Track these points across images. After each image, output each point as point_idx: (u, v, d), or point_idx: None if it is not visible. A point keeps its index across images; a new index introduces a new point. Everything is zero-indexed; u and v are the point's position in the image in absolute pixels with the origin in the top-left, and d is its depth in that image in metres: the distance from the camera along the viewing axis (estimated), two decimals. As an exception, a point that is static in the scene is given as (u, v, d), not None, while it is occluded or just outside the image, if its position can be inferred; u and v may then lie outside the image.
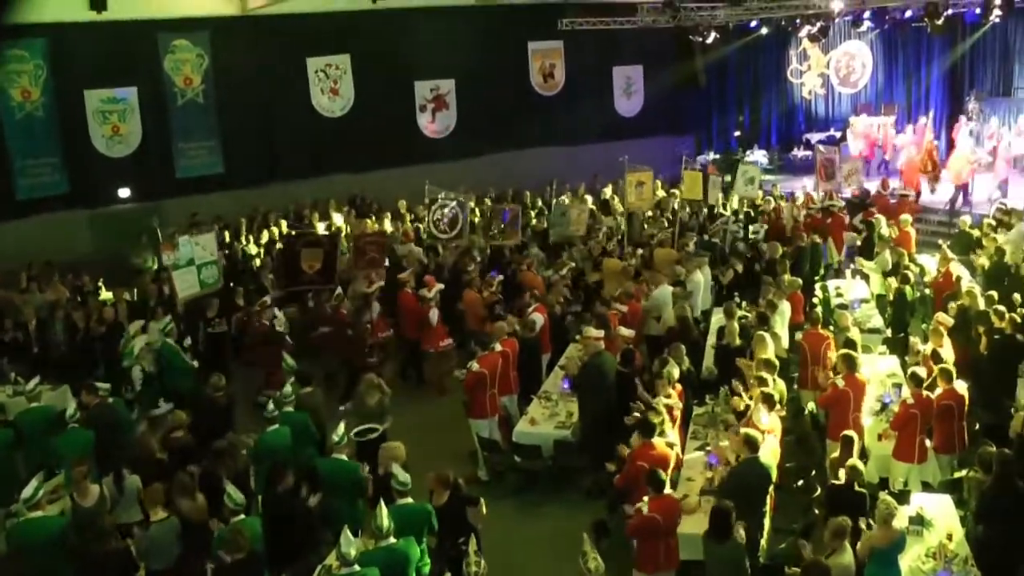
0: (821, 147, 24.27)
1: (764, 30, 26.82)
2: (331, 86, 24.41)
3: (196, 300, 15.91)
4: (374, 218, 21.74)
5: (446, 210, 19.10)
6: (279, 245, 19.65)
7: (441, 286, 15.95)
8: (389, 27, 24.00)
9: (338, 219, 21.95)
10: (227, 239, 20.45)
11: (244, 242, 20.75)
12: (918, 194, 22.75)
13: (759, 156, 28.92)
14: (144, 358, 14.12)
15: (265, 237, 20.90)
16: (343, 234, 19.81)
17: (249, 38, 22.59)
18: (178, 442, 10.88)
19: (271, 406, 11.09)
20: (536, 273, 17.27)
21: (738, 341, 12.78)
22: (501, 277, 16.84)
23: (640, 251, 18.78)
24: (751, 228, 20.58)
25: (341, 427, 10.29)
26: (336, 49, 24.29)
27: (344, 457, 10.08)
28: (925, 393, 10.60)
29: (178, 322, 15.01)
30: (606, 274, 17.36)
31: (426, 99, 25.97)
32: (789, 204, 21.75)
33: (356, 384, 15.22)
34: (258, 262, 19.42)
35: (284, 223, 21.58)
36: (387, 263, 17.99)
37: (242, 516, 8.90)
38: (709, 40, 26.46)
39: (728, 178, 24.10)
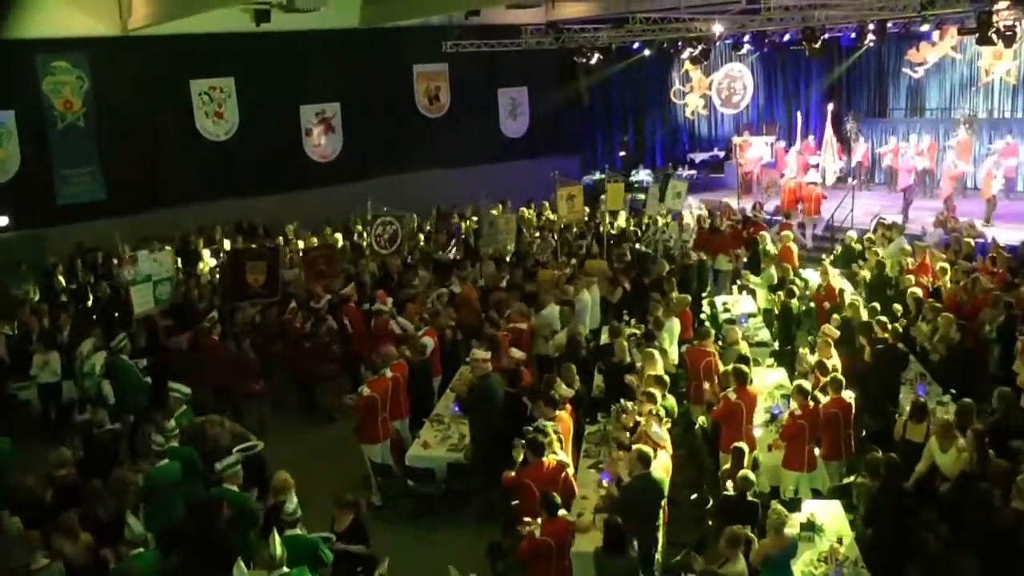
0: (742, 161, 25.21)
1: (647, 52, 27.20)
2: (216, 109, 24.02)
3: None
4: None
5: (387, 227, 19.40)
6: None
7: (391, 299, 15.96)
8: (274, 50, 23.59)
9: (227, 245, 21.46)
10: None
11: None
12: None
13: (644, 175, 29.43)
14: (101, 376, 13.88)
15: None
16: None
17: (130, 60, 21.98)
18: (64, 480, 10.47)
19: (160, 439, 10.73)
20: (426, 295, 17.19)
21: (627, 358, 12.91)
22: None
23: (573, 261, 19.18)
24: (683, 237, 21.49)
25: (232, 457, 10.03)
26: (220, 72, 23.95)
27: (235, 488, 9.85)
28: (812, 403, 10.84)
29: (132, 338, 14.56)
30: (540, 285, 17.40)
31: (312, 123, 25.79)
32: (720, 214, 22.71)
33: (313, 397, 15.53)
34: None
35: (170, 249, 21.11)
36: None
37: (140, 550, 8.62)
38: (593, 61, 26.79)
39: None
